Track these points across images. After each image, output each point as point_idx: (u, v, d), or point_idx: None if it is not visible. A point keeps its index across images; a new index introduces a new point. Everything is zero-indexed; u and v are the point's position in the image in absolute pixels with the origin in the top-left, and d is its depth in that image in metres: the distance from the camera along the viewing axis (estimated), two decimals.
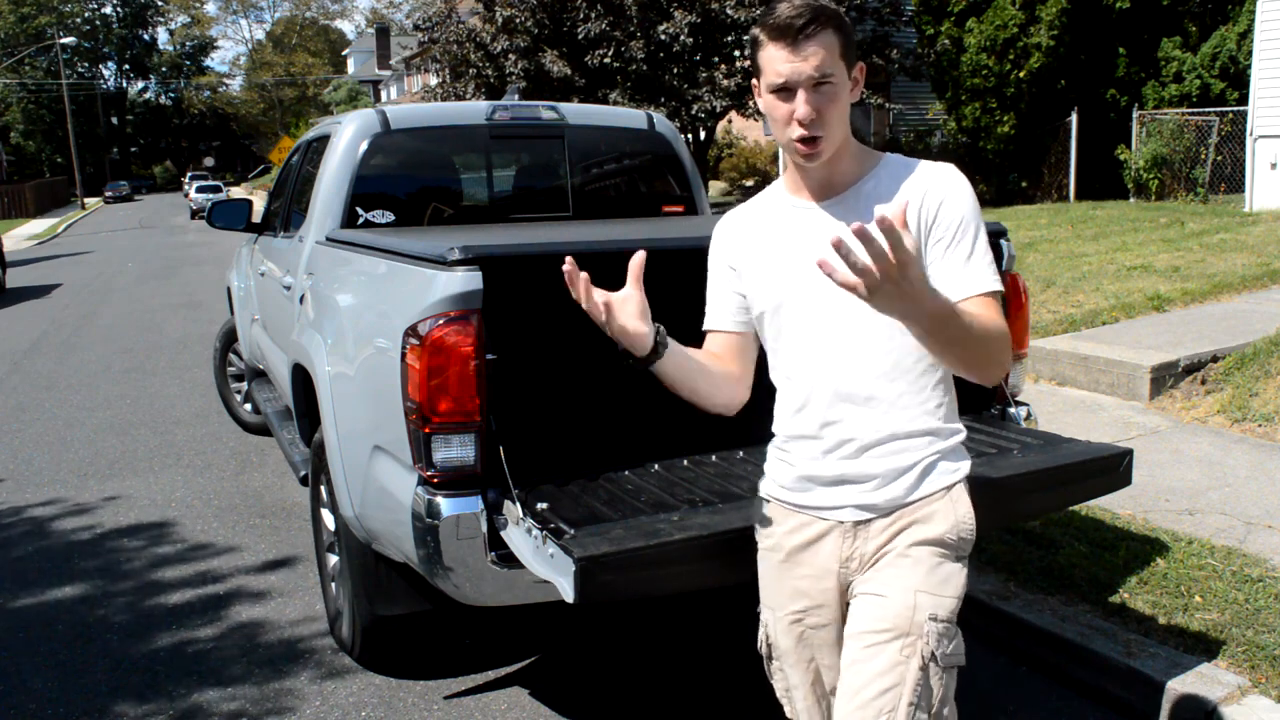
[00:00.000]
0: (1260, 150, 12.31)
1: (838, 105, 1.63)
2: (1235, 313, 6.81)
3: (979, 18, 15.60)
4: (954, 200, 1.66)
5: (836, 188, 1.72)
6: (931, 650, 1.66)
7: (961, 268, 1.63)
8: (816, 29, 1.58)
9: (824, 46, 1.59)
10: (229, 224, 5.27)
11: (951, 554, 1.73)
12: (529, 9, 16.08)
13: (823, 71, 1.59)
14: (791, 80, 1.60)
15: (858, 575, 1.76)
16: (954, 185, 1.67)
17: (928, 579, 1.69)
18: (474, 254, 2.40)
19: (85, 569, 4.26)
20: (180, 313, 11.98)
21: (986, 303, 1.63)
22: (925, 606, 1.68)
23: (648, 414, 3.10)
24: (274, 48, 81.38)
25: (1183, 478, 4.46)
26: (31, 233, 31.99)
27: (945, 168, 1.69)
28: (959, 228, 1.64)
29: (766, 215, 1.82)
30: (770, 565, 1.87)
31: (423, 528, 2.42)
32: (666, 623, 3.60)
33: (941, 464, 1.74)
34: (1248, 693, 2.76)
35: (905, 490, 1.71)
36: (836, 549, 1.76)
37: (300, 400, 3.78)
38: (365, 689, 3.18)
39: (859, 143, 1.74)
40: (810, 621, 1.82)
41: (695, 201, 4.63)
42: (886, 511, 1.72)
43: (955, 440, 1.77)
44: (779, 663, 1.90)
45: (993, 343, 1.56)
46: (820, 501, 1.76)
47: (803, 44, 1.58)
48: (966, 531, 1.74)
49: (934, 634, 1.67)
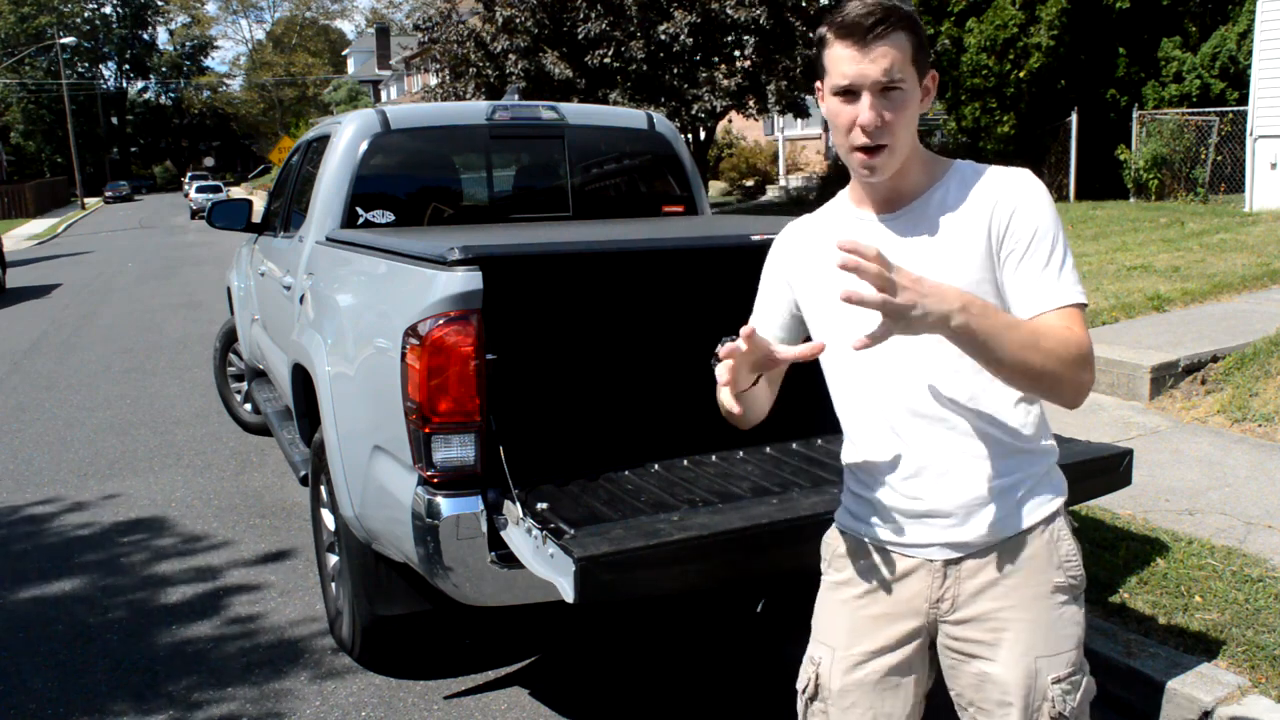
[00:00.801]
0: (1260, 150, 12.31)
1: (906, 114, 1.50)
2: (1235, 313, 6.81)
3: (979, 18, 15.60)
4: (1027, 209, 1.52)
5: (904, 198, 1.59)
6: (1060, 712, 1.59)
7: (1036, 279, 1.50)
8: (888, 29, 1.46)
9: (895, 48, 1.46)
10: (229, 224, 5.27)
11: (1069, 597, 1.62)
12: (529, 9, 16.07)
13: (891, 75, 1.47)
14: (857, 83, 1.48)
15: (950, 618, 1.63)
16: (1027, 193, 1.54)
17: (1044, 640, 1.59)
18: (474, 254, 2.39)
19: (85, 569, 4.26)
20: (180, 313, 11.98)
21: (1067, 315, 1.48)
22: (1045, 671, 1.58)
23: (648, 414, 3.11)
24: (274, 48, 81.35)
25: (1183, 478, 4.46)
26: (31, 233, 31.99)
27: (1018, 174, 1.57)
28: (1033, 238, 1.51)
29: (828, 228, 1.69)
30: (837, 600, 1.73)
31: (423, 528, 2.42)
32: (666, 623, 3.60)
33: (1035, 492, 1.60)
34: (1247, 693, 2.76)
35: (996, 524, 1.57)
36: (925, 589, 1.63)
37: (300, 400, 3.78)
38: (365, 689, 3.18)
39: (928, 150, 1.63)
40: (879, 665, 1.67)
41: (695, 201, 4.63)
42: (980, 551, 1.59)
43: (1048, 463, 1.63)
44: (824, 704, 1.72)
45: (1062, 363, 1.42)
46: (905, 538, 1.63)
47: (872, 44, 1.46)
48: (1074, 569, 1.63)
49: (1058, 696, 1.58)
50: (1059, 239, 1.52)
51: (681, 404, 3.17)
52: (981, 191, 1.56)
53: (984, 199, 1.55)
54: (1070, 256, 1.53)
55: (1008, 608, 1.59)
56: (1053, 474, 1.65)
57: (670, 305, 3.15)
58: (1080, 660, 1.63)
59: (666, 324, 3.15)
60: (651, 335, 3.15)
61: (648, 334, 3.15)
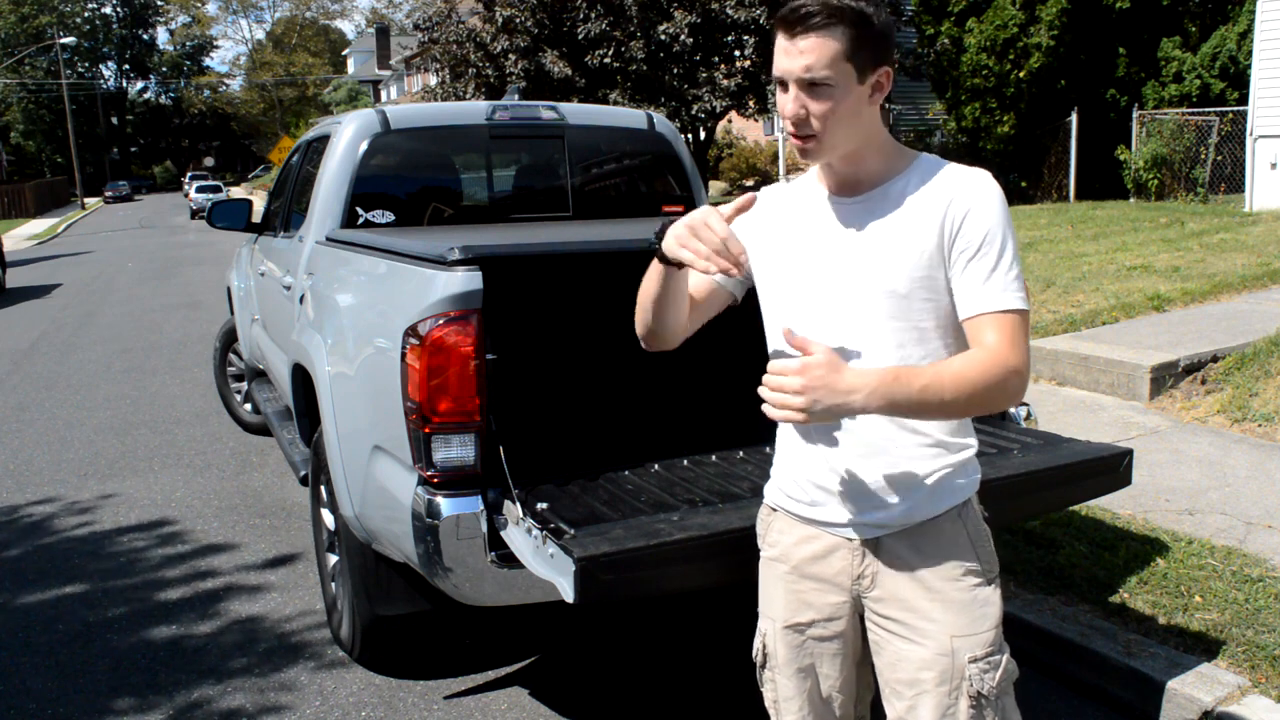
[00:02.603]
0: (1260, 150, 12.32)
1: (835, 110, 1.51)
2: (1235, 313, 6.81)
3: (979, 18, 15.61)
4: (981, 210, 1.56)
5: (863, 186, 1.63)
6: (977, 690, 1.64)
7: (981, 284, 1.54)
8: (819, 25, 1.47)
9: (824, 44, 1.47)
10: (229, 224, 5.27)
11: (980, 579, 1.67)
12: (529, 9, 16.09)
13: (813, 72, 1.48)
14: (782, 76, 1.52)
15: (873, 594, 1.70)
16: (983, 194, 1.57)
17: (960, 619, 1.64)
18: (474, 254, 2.39)
19: (85, 568, 4.26)
20: (180, 313, 11.98)
21: (1001, 321, 1.53)
22: (963, 650, 1.64)
23: (648, 414, 3.11)
24: (274, 48, 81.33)
25: (1183, 478, 4.46)
26: (31, 233, 32.00)
27: (976, 175, 1.60)
28: (983, 241, 1.55)
29: (797, 200, 1.73)
30: (773, 575, 1.81)
31: (423, 527, 2.42)
32: (666, 623, 3.60)
33: (951, 480, 1.66)
34: (1247, 693, 2.76)
35: (911, 508, 1.64)
36: (848, 566, 1.70)
37: (300, 400, 3.78)
38: (365, 689, 3.18)
39: (895, 142, 1.65)
40: (814, 634, 1.77)
41: (695, 201, 4.63)
42: (898, 530, 1.66)
43: (965, 455, 1.68)
44: (772, 673, 1.84)
45: (988, 390, 1.48)
46: (829, 516, 1.69)
47: (799, 38, 1.48)
48: (986, 552, 1.69)
49: (976, 674, 1.64)
50: (1007, 244, 1.56)
51: (682, 404, 3.17)
52: (939, 189, 1.59)
53: (940, 197, 1.58)
54: (1017, 263, 1.57)
55: (923, 589, 1.65)
56: (968, 465, 1.70)
57: None
58: (999, 641, 1.68)
59: None
60: None
61: None
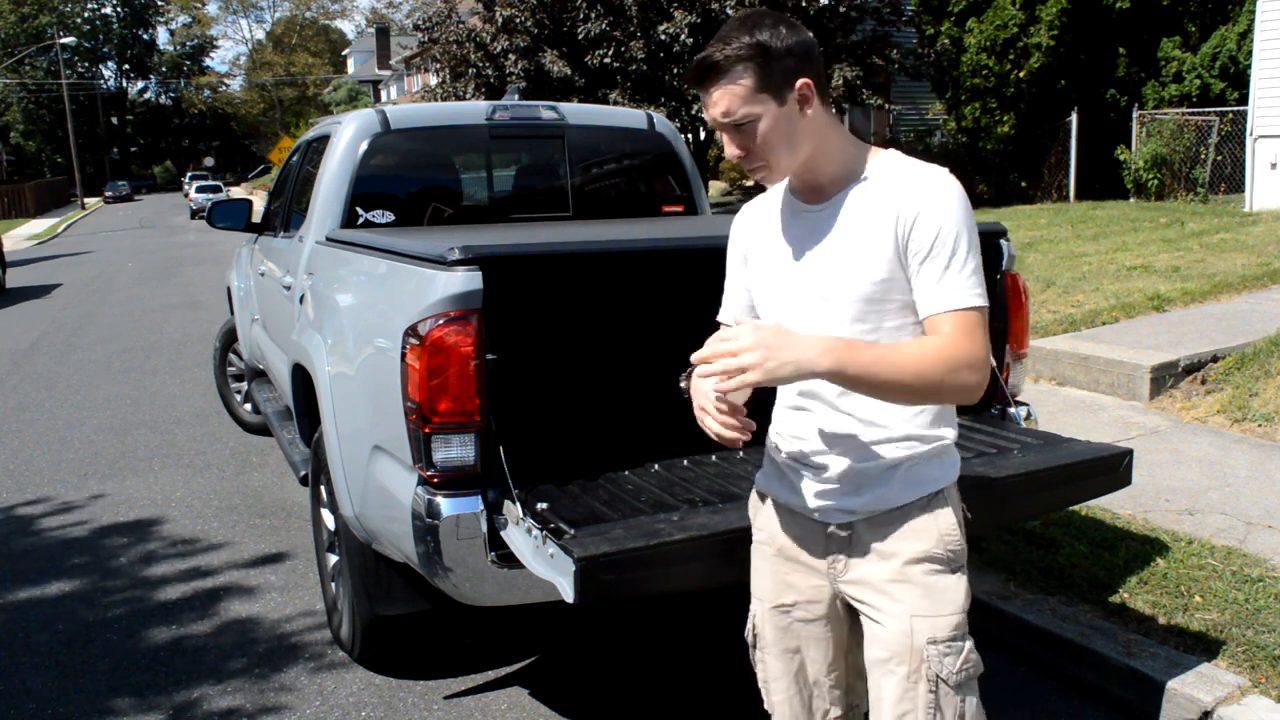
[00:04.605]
0: (1260, 150, 12.32)
1: (768, 137, 1.58)
2: (1235, 313, 6.81)
3: (979, 18, 15.61)
4: (932, 211, 1.56)
5: (825, 192, 1.67)
6: (936, 673, 1.67)
7: (934, 284, 1.56)
8: (717, 75, 1.55)
9: (730, 90, 1.55)
10: (229, 224, 5.27)
11: (945, 568, 1.70)
12: (529, 9, 16.08)
13: (731, 116, 1.57)
14: (711, 124, 1.62)
15: (846, 577, 1.75)
16: (934, 195, 1.57)
17: (922, 601, 1.68)
18: (474, 254, 2.39)
19: (85, 568, 4.26)
20: (180, 313, 11.98)
21: (956, 319, 1.55)
22: (922, 631, 1.67)
23: (648, 414, 3.11)
24: (274, 48, 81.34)
25: (1183, 478, 4.46)
26: (31, 233, 32.00)
27: (929, 176, 1.60)
28: (935, 240, 1.56)
29: (773, 209, 1.79)
30: (762, 557, 1.89)
31: (423, 527, 2.42)
32: (666, 623, 3.60)
33: (920, 471, 1.69)
34: (1247, 693, 2.76)
35: (881, 496, 1.69)
36: (822, 549, 1.77)
37: (300, 400, 3.78)
38: (365, 689, 3.18)
39: (853, 142, 1.68)
40: (798, 615, 1.83)
41: (695, 201, 4.63)
42: (867, 517, 1.71)
43: (935, 447, 1.70)
44: (761, 653, 1.91)
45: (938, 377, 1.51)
46: (804, 501, 1.75)
47: (710, 90, 1.57)
48: (954, 543, 1.71)
49: (935, 656, 1.67)
50: (961, 241, 1.56)
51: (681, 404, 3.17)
52: (892, 192, 1.61)
53: (893, 201, 1.60)
54: (973, 260, 1.57)
55: (888, 571, 1.70)
56: (944, 457, 1.73)
57: (670, 305, 3.15)
58: (962, 629, 1.71)
59: (666, 324, 3.15)
60: (651, 335, 3.15)
61: (647, 334, 3.15)
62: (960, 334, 1.54)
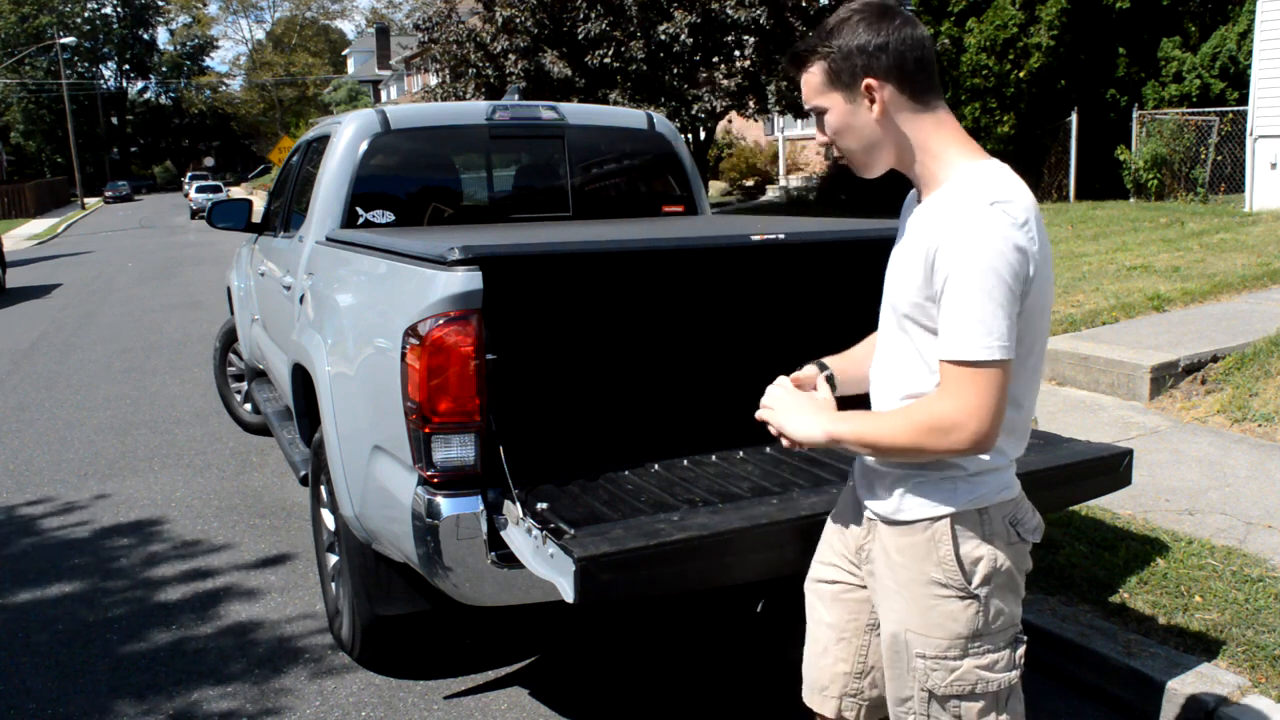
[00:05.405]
0: (1260, 150, 12.31)
1: (840, 130, 1.67)
2: (1235, 313, 6.81)
3: (979, 18, 15.60)
4: (949, 250, 1.51)
5: (922, 196, 1.69)
6: (923, 685, 1.71)
7: (942, 326, 1.54)
8: (797, 65, 1.69)
9: (808, 82, 1.68)
10: (229, 224, 5.27)
11: (951, 593, 1.66)
12: (529, 9, 16.07)
13: (810, 103, 1.69)
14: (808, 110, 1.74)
15: (866, 567, 1.84)
16: (958, 233, 1.50)
17: (918, 618, 1.70)
18: (474, 254, 2.39)
19: (85, 568, 4.26)
20: (180, 313, 11.98)
21: (945, 372, 1.53)
22: (914, 645, 1.70)
23: (648, 414, 3.11)
24: (274, 48, 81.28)
25: (1183, 478, 4.46)
26: (31, 233, 31.99)
27: (965, 210, 1.52)
28: (945, 282, 1.52)
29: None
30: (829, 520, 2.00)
31: (423, 527, 2.42)
32: (666, 623, 3.60)
33: (923, 494, 1.68)
34: (1248, 693, 2.76)
35: (884, 505, 1.74)
36: (860, 532, 1.86)
37: (300, 400, 3.78)
38: (365, 689, 3.18)
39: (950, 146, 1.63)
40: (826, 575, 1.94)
41: (695, 201, 4.63)
42: (885, 520, 1.75)
43: (947, 475, 1.66)
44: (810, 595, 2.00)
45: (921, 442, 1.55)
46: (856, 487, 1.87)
47: (796, 78, 1.72)
48: (953, 572, 1.66)
49: (922, 670, 1.70)
50: (973, 288, 1.48)
51: (681, 404, 3.17)
52: (936, 217, 1.58)
53: (932, 227, 1.57)
54: (986, 306, 1.48)
55: (892, 579, 1.74)
56: (953, 486, 1.67)
57: (670, 305, 3.15)
58: (959, 650, 1.67)
59: (666, 324, 3.15)
60: (651, 335, 3.15)
61: (647, 334, 3.15)
62: (946, 392, 1.53)
